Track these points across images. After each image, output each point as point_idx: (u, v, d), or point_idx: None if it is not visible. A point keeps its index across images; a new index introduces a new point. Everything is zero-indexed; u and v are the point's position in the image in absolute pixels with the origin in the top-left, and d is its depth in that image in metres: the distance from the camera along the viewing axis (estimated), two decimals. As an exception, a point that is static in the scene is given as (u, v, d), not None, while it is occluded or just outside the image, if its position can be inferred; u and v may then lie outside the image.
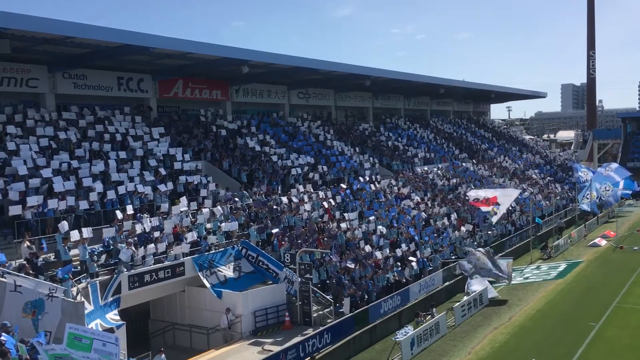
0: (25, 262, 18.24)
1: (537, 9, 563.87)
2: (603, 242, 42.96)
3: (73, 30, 23.95)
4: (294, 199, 30.58)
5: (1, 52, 23.37)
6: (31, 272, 17.84)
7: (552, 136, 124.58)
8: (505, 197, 36.06)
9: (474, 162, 53.43)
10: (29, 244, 19.33)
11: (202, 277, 22.72)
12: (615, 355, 21.73)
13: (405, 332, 23.17)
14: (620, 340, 23.25)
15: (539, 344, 22.98)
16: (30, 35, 23.32)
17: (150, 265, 21.35)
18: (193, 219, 25.10)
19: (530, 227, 41.73)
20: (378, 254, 28.43)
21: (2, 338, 13.42)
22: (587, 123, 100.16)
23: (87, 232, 20.43)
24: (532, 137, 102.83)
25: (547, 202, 50.38)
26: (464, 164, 51.43)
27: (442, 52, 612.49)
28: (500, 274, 30.35)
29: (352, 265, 26.31)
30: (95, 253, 20.46)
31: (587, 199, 50.60)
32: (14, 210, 20.50)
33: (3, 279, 16.46)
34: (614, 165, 52.78)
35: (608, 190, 48.47)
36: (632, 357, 21.45)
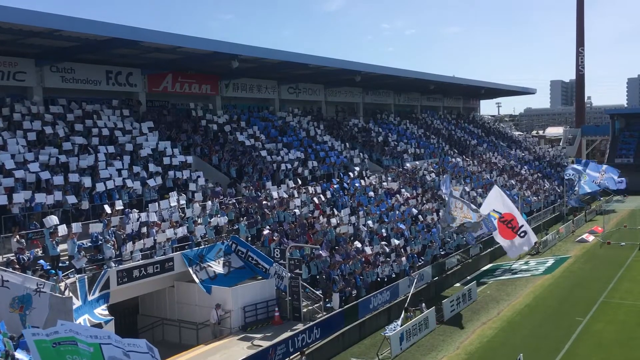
0: (13, 257, 18.13)
1: (527, 5, 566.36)
2: (591, 238, 43.32)
3: (61, 23, 23.69)
4: (284, 194, 30.53)
5: (-12, 44, 23.15)
6: (17, 266, 17.72)
7: (541, 132, 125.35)
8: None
9: (464, 157, 53.62)
10: (18, 238, 19.19)
11: (191, 273, 22.65)
12: (602, 349, 21.94)
13: (394, 326, 23.26)
14: (607, 335, 23.49)
15: (527, 339, 23.16)
16: (18, 27, 23.02)
17: (139, 261, 21.25)
18: (182, 214, 25.00)
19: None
20: (368, 250, 28.48)
21: None
22: (575, 119, 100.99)
23: (75, 226, 20.32)
24: (520, 133, 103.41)
25: (536, 198, 50.68)
26: (453, 159, 51.58)
27: (432, 48, 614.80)
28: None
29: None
30: (83, 248, 20.33)
31: (575, 195, 51.33)
32: (0, 200, 20.34)
33: (-10, 274, 16.33)
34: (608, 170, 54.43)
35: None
36: (619, 352, 21.67)
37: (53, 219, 20.10)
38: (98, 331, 10.48)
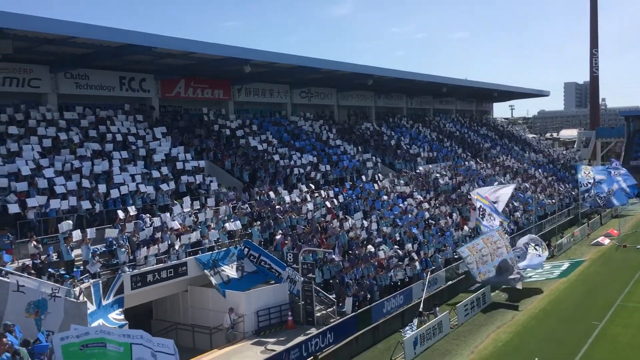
0: (28, 263, 18.30)
1: (539, 7, 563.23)
2: (606, 241, 42.86)
3: (75, 30, 23.96)
4: (297, 199, 30.55)
5: (3, 52, 23.41)
6: (33, 271, 17.88)
7: (555, 135, 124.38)
8: (500, 194, 35.60)
9: (477, 160, 53.35)
10: (35, 244, 19.38)
11: (208, 276, 22.70)
12: (619, 354, 21.69)
13: (412, 327, 23.19)
14: (623, 338, 23.21)
15: (542, 343, 22.94)
16: (33, 35, 23.31)
17: (153, 265, 21.36)
18: (195, 219, 25.09)
19: (533, 226, 41.68)
20: (381, 253, 28.40)
21: (8, 340, 13.27)
22: (590, 121, 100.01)
23: (90, 232, 20.46)
24: (534, 135, 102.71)
25: (550, 201, 50.28)
26: (467, 162, 51.35)
27: (443, 51, 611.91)
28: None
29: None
30: (98, 253, 20.47)
31: (590, 197, 50.89)
32: (13, 208, 20.53)
33: (6, 279, 16.47)
34: (623, 170, 53.33)
35: (611, 191, 49.39)
36: (636, 356, 21.40)
37: (64, 225, 20.23)
38: (131, 331, 10.62)
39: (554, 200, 50.73)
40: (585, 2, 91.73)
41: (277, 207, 28.91)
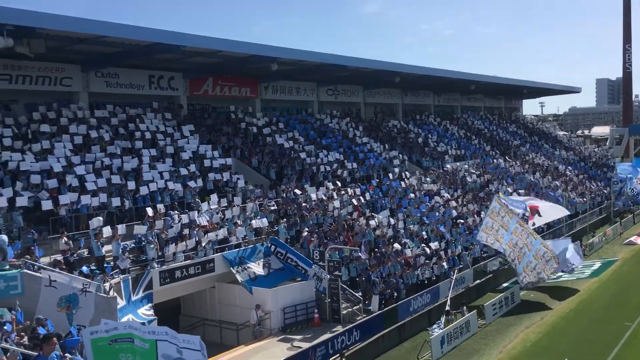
0: (60, 258, 18.67)
1: (570, 2, 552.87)
2: (639, 240, 41.92)
3: (106, 29, 24.36)
4: (323, 196, 30.56)
5: (36, 51, 23.87)
6: (64, 267, 18.22)
7: (586, 132, 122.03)
8: (550, 210, 34.92)
9: (506, 158, 52.68)
10: (66, 239, 19.75)
11: (234, 272, 22.88)
12: (652, 356, 21.21)
13: (439, 325, 23.03)
14: (657, 340, 22.68)
15: (573, 344, 22.56)
16: (65, 34, 23.76)
17: (181, 262, 21.60)
18: (222, 216, 25.29)
19: (563, 225, 40.97)
20: (408, 252, 28.25)
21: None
22: (622, 118, 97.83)
23: (120, 228, 20.79)
24: (565, 133, 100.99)
25: (582, 200, 49.39)
26: (495, 160, 50.73)
27: (473, 48, 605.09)
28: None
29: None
30: (127, 249, 20.77)
31: (623, 196, 49.84)
32: (46, 205, 20.94)
33: (38, 274, 16.82)
34: None
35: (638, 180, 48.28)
36: (670, 359, 20.91)
37: (94, 222, 20.56)
38: (155, 328, 10.64)
39: (585, 199, 49.81)
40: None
41: (303, 204, 28.97)
